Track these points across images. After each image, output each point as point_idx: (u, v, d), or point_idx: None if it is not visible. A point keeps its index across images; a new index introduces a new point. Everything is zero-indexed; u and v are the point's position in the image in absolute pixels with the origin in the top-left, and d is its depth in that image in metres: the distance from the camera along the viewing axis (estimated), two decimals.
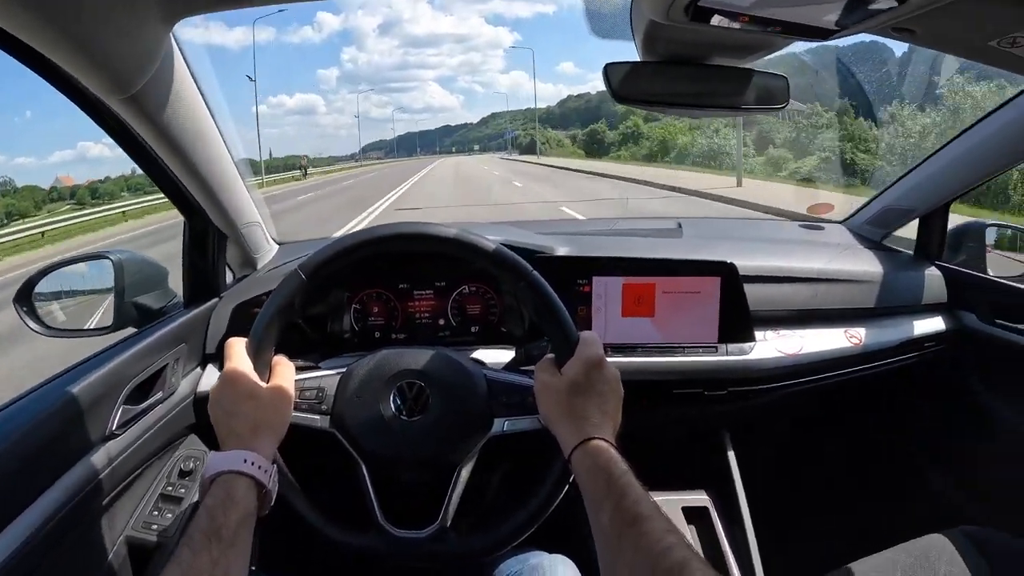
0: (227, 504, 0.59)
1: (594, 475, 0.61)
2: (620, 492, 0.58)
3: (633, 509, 0.56)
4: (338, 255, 0.76)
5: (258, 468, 0.63)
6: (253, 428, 0.67)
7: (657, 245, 1.13)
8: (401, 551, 0.75)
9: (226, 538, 0.56)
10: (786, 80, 0.91)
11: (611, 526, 0.56)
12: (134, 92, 0.71)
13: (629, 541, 0.54)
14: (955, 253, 1.27)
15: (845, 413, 1.30)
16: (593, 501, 0.60)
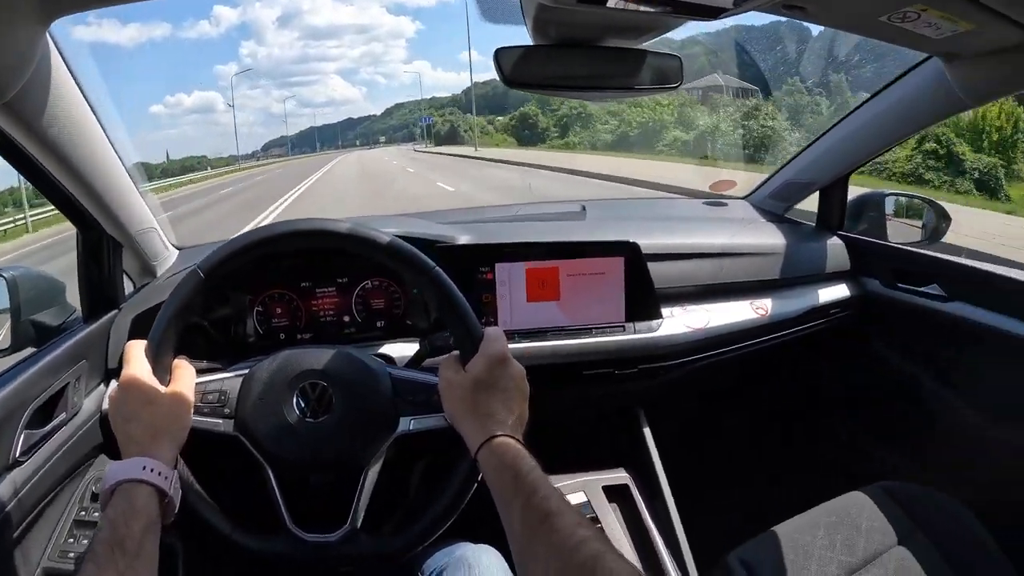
0: (129, 514, 0.58)
1: (501, 473, 0.61)
2: (529, 489, 0.58)
3: (543, 506, 0.56)
4: (235, 253, 0.75)
5: (159, 475, 0.62)
6: (152, 434, 0.66)
7: (560, 228, 1.14)
8: (311, 555, 0.74)
9: (131, 549, 0.55)
10: (679, 60, 0.92)
11: (522, 524, 0.56)
12: (8, 99, 0.68)
13: (541, 538, 0.54)
14: (856, 222, 1.31)
15: (758, 382, 1.34)
16: (502, 500, 0.60)
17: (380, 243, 0.76)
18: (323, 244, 0.79)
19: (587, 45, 0.89)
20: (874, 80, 8.57)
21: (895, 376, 1.24)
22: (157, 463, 0.63)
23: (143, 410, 0.66)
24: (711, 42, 14.00)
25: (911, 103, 1.14)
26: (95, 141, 0.87)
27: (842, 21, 0.88)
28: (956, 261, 1.20)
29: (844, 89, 10.99)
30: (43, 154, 0.80)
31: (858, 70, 10.14)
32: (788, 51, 11.35)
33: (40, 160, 0.81)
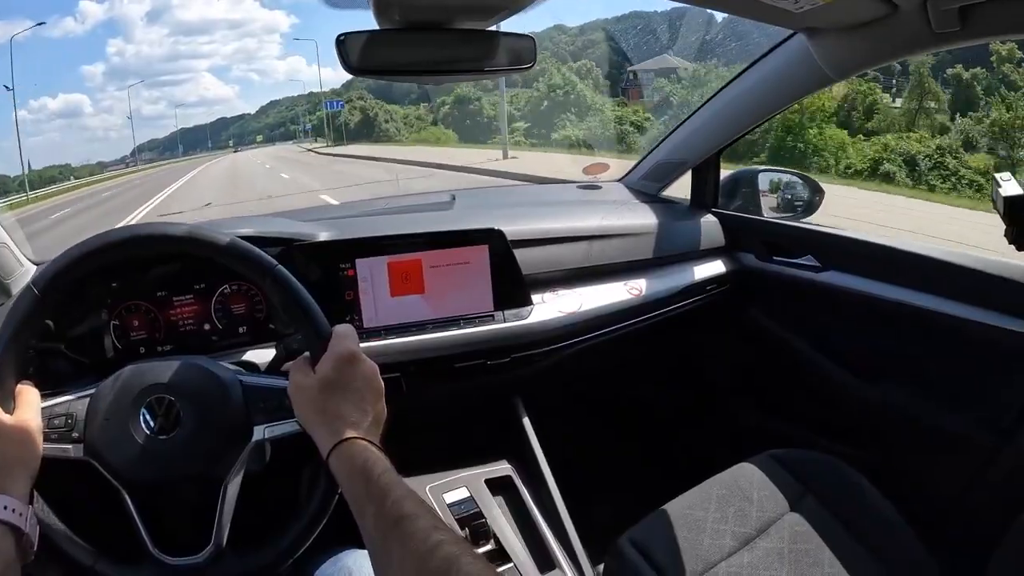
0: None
1: (351, 478, 0.59)
2: (381, 493, 0.55)
3: (395, 510, 0.53)
4: (70, 264, 0.69)
5: (13, 512, 0.57)
6: (1, 468, 0.61)
7: (426, 220, 1.12)
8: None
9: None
10: (533, 40, 0.90)
11: (375, 530, 0.54)
12: None
13: (395, 543, 0.52)
14: (731, 200, 1.35)
15: (638, 363, 1.35)
16: (355, 505, 0.58)
17: (219, 244, 0.72)
18: (162, 249, 0.75)
19: (436, 28, 0.87)
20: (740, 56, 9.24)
21: (775, 347, 1.27)
22: (10, 499, 0.58)
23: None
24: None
25: (778, 79, 1.17)
26: None
27: (720, 3, 0.89)
28: (828, 231, 1.24)
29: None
30: None
31: (724, 48, 10.81)
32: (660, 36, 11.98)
33: None
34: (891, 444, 1.17)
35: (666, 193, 1.37)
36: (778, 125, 10.48)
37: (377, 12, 0.83)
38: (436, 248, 1.02)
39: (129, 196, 16.19)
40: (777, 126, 10.51)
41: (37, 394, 0.69)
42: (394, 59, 0.87)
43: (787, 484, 1.02)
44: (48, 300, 0.69)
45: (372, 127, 33.24)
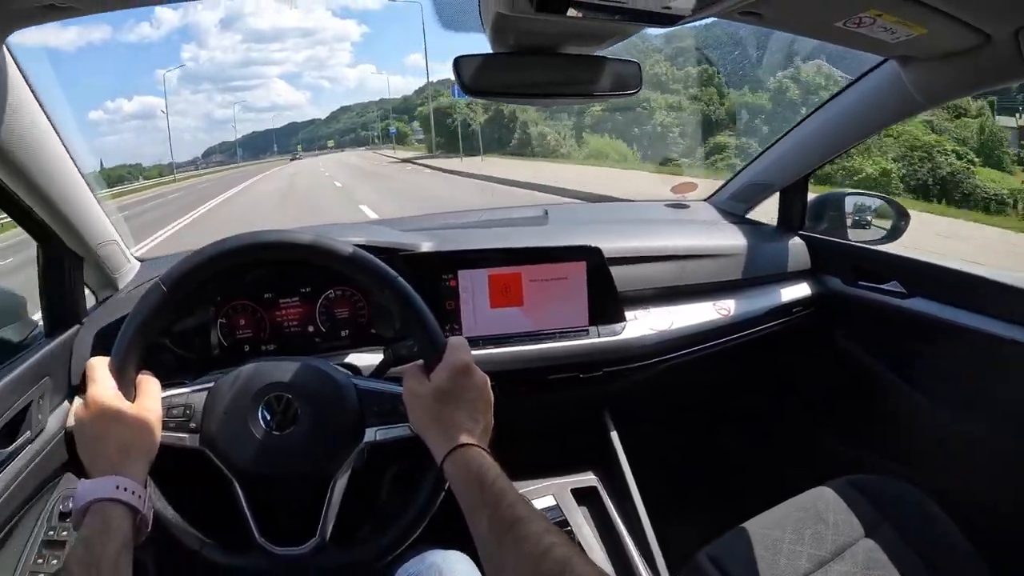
0: (104, 534, 0.58)
1: (467, 483, 0.62)
2: (495, 498, 0.58)
3: (509, 514, 0.56)
4: (199, 266, 0.74)
5: (131, 494, 0.62)
6: (122, 451, 0.65)
7: (522, 234, 1.15)
8: (282, 569, 0.74)
9: (106, 569, 0.55)
10: (638, 65, 0.93)
11: (490, 533, 0.57)
12: None
13: (509, 546, 0.54)
14: (817, 222, 1.34)
15: (722, 382, 1.36)
16: (469, 509, 0.61)
17: (342, 254, 0.76)
18: (286, 256, 0.79)
19: (546, 52, 0.90)
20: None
21: (857, 372, 1.26)
22: (129, 481, 0.62)
23: (111, 428, 0.66)
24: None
25: (868, 105, 1.17)
26: (53, 153, 0.87)
27: (799, 27, 0.90)
28: (915, 258, 1.23)
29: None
30: (2, 168, 0.80)
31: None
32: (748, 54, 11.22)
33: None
34: (971, 476, 1.15)
35: (750, 215, 1.38)
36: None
37: (492, 36, 0.87)
38: (535, 263, 1.05)
39: (184, 201, 16.33)
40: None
41: (158, 384, 0.74)
42: (506, 81, 0.91)
43: (864, 510, 1.02)
44: (173, 298, 0.74)
45: (517, 136, 21.76)
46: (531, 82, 0.92)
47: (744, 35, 10.27)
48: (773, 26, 0.88)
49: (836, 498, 1.04)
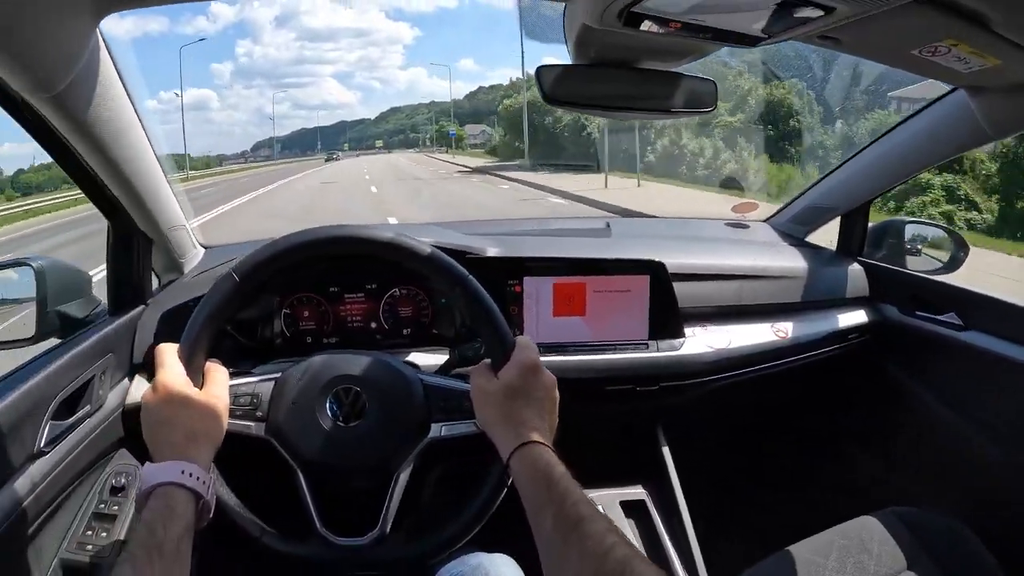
0: (168, 517, 0.58)
1: (534, 480, 0.62)
2: (561, 496, 0.59)
3: (574, 512, 0.57)
4: (273, 258, 0.75)
5: (196, 479, 0.62)
6: (189, 437, 0.66)
7: (586, 245, 1.15)
8: (342, 559, 0.74)
9: (168, 553, 0.55)
10: (714, 84, 0.94)
11: (554, 530, 0.57)
12: (58, 91, 0.69)
13: (573, 544, 0.55)
14: (876, 249, 1.33)
15: (775, 404, 1.35)
16: (534, 506, 0.61)
17: (419, 252, 0.76)
18: (363, 251, 0.79)
19: (625, 66, 0.90)
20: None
21: (910, 402, 1.25)
22: (194, 467, 0.63)
23: (179, 413, 0.66)
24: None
25: (935, 133, 1.15)
26: (136, 137, 0.88)
27: (874, 53, 0.89)
28: (973, 291, 1.22)
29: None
30: (85, 147, 0.81)
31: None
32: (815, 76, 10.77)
33: (81, 153, 0.82)
34: (1020, 516, 1.14)
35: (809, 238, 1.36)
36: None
37: (575, 48, 0.87)
38: (600, 274, 1.05)
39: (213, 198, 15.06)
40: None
41: (226, 373, 0.75)
42: (585, 92, 0.92)
43: (907, 543, 1.01)
44: (245, 288, 0.74)
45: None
46: (610, 94, 0.93)
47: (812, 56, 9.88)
48: (849, 51, 0.88)
49: (881, 528, 1.03)
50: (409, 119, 66.05)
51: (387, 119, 72.69)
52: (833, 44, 0.79)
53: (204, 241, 1.21)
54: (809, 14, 0.61)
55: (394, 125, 69.27)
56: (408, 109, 71.45)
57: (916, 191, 8.14)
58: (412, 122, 63.21)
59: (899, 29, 0.71)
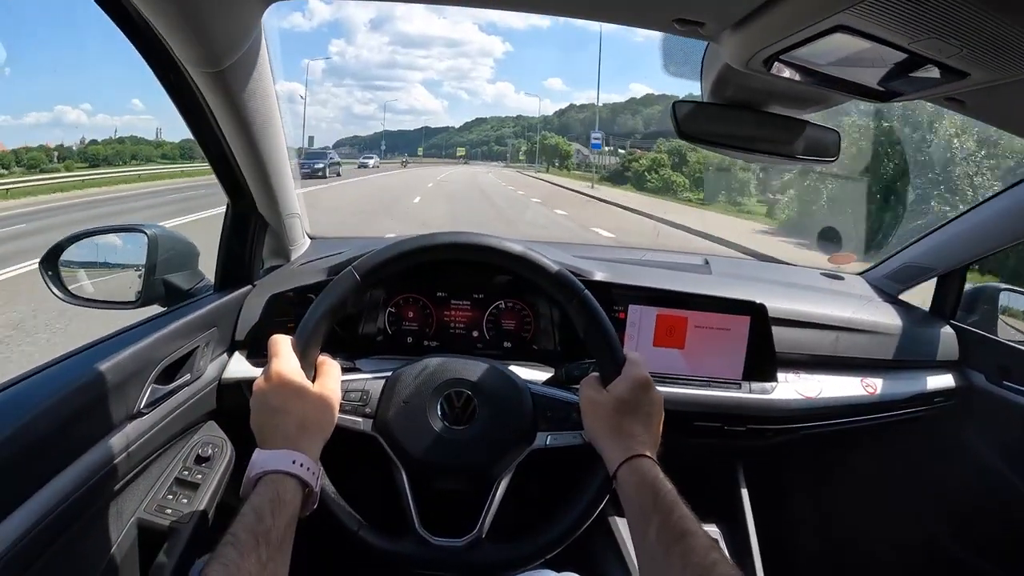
0: (276, 505, 0.58)
1: (641, 491, 0.63)
2: (667, 508, 0.60)
3: (680, 525, 0.58)
4: (396, 259, 0.76)
5: (306, 470, 0.63)
6: (300, 427, 0.67)
7: (688, 279, 1.15)
8: (437, 559, 0.75)
9: (274, 540, 0.56)
10: (838, 135, 0.94)
11: (658, 541, 0.58)
12: (221, 68, 0.71)
13: (677, 556, 0.56)
14: (968, 313, 1.31)
15: (855, 458, 1.33)
16: (640, 516, 0.62)
17: (549, 270, 0.78)
18: (488, 259, 0.80)
19: (754, 109, 0.91)
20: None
21: (989, 476, 1.23)
22: (304, 457, 0.64)
23: (292, 403, 0.68)
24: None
25: None
26: (275, 127, 0.90)
27: (1000, 119, 0.88)
28: None
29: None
30: (230, 125, 0.83)
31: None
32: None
33: (224, 131, 0.84)
34: None
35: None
36: None
37: (711, 86, 0.88)
38: (702, 309, 1.05)
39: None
40: None
41: (339, 367, 0.76)
42: (716, 130, 0.94)
43: None
44: (364, 286, 0.75)
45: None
46: (738, 135, 0.95)
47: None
48: (973, 115, 0.87)
49: None
50: (495, 131, 64.98)
51: (471, 129, 71.46)
52: (958, 107, 0.79)
53: (311, 232, 1.23)
54: (945, 77, 0.61)
55: (478, 135, 68.08)
56: (494, 121, 70.18)
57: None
58: (497, 134, 62.06)
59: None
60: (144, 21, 0.65)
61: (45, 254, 1.02)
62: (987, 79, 0.61)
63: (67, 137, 65.43)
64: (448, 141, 67.34)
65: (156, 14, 0.62)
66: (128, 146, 37.22)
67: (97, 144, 34.89)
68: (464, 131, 71.16)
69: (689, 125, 0.89)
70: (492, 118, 67.18)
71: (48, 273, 1.02)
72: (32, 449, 0.63)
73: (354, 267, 0.75)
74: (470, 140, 66.89)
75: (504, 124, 63.21)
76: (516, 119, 62.81)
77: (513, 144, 54.87)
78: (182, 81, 0.75)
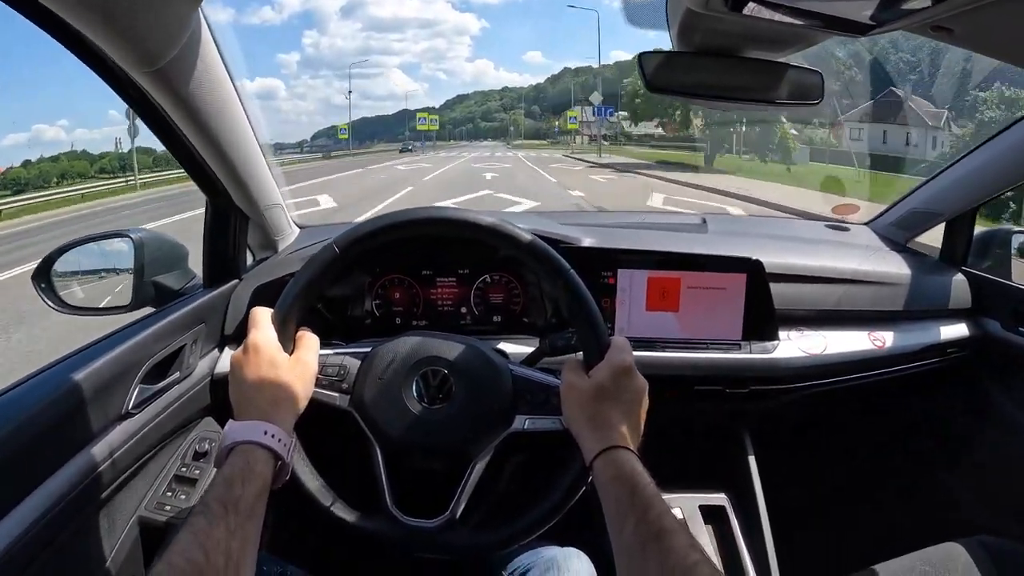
0: (246, 475, 0.58)
1: (617, 484, 0.60)
2: (644, 505, 0.57)
3: (658, 523, 0.55)
4: (374, 233, 0.74)
5: (277, 441, 0.62)
6: (273, 400, 0.66)
7: (682, 240, 1.12)
8: (409, 539, 0.74)
9: (243, 510, 0.55)
10: (820, 76, 0.90)
11: (635, 539, 0.55)
12: (161, 66, 0.70)
13: (653, 556, 0.53)
14: (980, 259, 1.25)
15: (866, 416, 1.29)
16: (615, 512, 0.59)
17: (521, 240, 0.75)
18: (463, 234, 0.77)
19: (729, 55, 0.87)
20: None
21: (1004, 425, 1.18)
22: (277, 429, 0.63)
23: (267, 375, 0.67)
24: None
25: None
26: (235, 115, 0.89)
27: (990, 47, 0.83)
28: None
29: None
30: (185, 122, 0.82)
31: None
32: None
33: (182, 129, 0.84)
34: None
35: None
36: None
37: (678, 35, 0.84)
38: (695, 269, 1.02)
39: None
40: None
41: (317, 340, 0.75)
42: (687, 80, 0.90)
43: (991, 574, 0.95)
44: (344, 260, 0.74)
45: None
46: (712, 84, 0.90)
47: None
48: (962, 44, 0.82)
49: (966, 557, 0.97)
50: (479, 106, 61.94)
51: (452, 107, 68.39)
52: (946, 36, 0.74)
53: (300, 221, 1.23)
54: (922, 3, 0.57)
55: (460, 113, 65.04)
56: (477, 96, 66.95)
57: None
58: (483, 109, 59.18)
59: (1019, 20, 0.66)
60: (77, 30, 0.64)
61: (36, 267, 1.02)
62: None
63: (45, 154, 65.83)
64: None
65: (82, 22, 0.61)
66: (63, 163, 33.61)
67: (16, 168, 30.77)
68: (444, 109, 68.21)
69: (659, 78, 0.85)
70: (475, 93, 64.48)
71: (41, 286, 1.02)
72: (22, 454, 0.64)
73: (334, 241, 0.74)
74: (452, 119, 63.67)
75: (489, 98, 60.42)
76: (502, 91, 60.19)
77: (503, 119, 50.48)
78: (130, 84, 0.74)
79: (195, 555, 0.49)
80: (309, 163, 29.31)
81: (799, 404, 1.09)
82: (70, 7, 0.58)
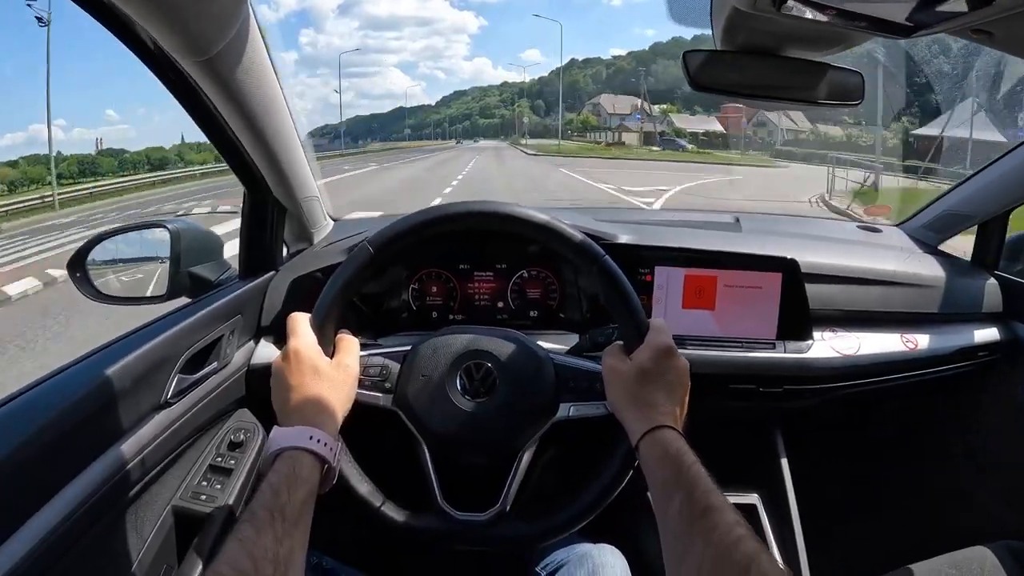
0: (292, 481, 0.58)
1: (663, 464, 0.61)
2: (691, 482, 0.57)
3: (704, 500, 0.55)
4: (409, 231, 0.74)
5: (323, 445, 0.63)
6: (317, 405, 0.66)
7: (717, 238, 1.11)
8: (460, 533, 0.74)
9: (290, 516, 0.55)
10: (861, 76, 0.90)
11: (680, 516, 0.56)
12: (211, 55, 0.70)
13: (699, 532, 0.53)
14: (1012, 263, 1.25)
15: (897, 418, 1.29)
16: (662, 490, 0.59)
17: (563, 232, 0.75)
18: (501, 228, 0.77)
19: (771, 54, 0.87)
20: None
21: None
22: (322, 433, 0.63)
23: (309, 380, 0.67)
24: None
25: None
26: (279, 108, 0.90)
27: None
28: None
29: None
30: (230, 112, 0.82)
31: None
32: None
33: (227, 119, 0.84)
34: None
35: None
36: None
37: (722, 33, 0.84)
38: (731, 268, 1.02)
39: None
40: None
41: (357, 343, 0.75)
42: (731, 79, 0.90)
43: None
44: (379, 260, 0.74)
45: None
46: (755, 82, 0.91)
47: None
48: (1002, 47, 0.82)
49: (994, 561, 0.97)
50: (477, 102, 60.05)
51: (449, 103, 66.37)
52: (986, 39, 0.74)
53: (334, 214, 1.23)
54: (965, 6, 0.57)
55: (457, 110, 63.17)
56: (475, 92, 64.86)
57: None
58: (481, 104, 57.25)
59: None
60: (128, 18, 0.64)
61: (71, 258, 1.03)
62: (1015, 3, 0.57)
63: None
64: (424, 121, 61.81)
65: (134, 8, 0.61)
66: (23, 167, 31.33)
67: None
68: (441, 106, 66.10)
69: (702, 76, 0.86)
70: (473, 88, 62.74)
71: (76, 275, 1.03)
72: (61, 443, 0.64)
73: (368, 241, 0.74)
74: (449, 116, 61.81)
75: (487, 93, 58.82)
76: (501, 87, 58.36)
77: (503, 115, 46.90)
78: (177, 74, 0.75)
79: (243, 564, 0.49)
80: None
81: (831, 404, 1.09)
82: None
